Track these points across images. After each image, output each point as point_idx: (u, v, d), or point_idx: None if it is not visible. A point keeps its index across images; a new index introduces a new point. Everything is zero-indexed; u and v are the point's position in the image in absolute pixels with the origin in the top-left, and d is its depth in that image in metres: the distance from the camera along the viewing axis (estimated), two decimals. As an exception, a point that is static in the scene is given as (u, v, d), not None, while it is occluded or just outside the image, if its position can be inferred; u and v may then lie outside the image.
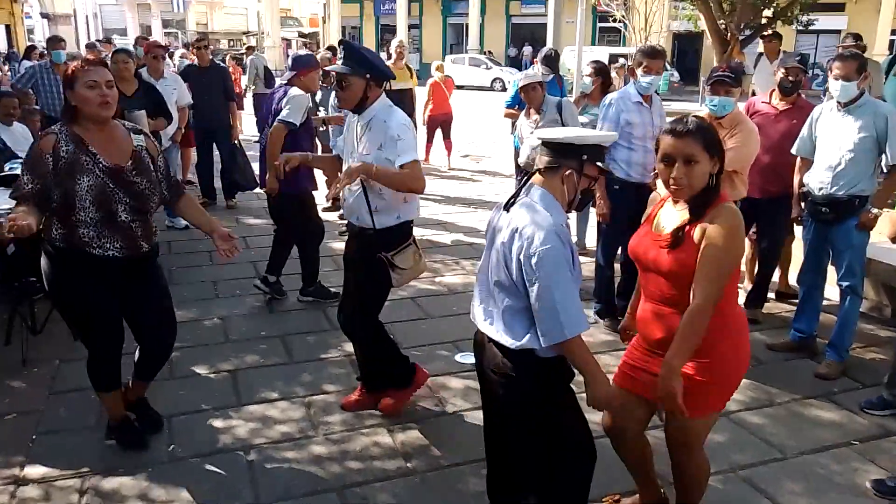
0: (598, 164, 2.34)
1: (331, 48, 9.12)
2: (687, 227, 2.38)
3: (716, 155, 2.39)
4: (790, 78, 4.55)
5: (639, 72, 4.57)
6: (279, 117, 4.84)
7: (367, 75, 3.33)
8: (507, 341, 2.31)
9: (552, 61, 7.32)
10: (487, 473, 2.72)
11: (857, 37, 8.42)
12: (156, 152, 3.24)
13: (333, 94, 6.60)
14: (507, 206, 2.35)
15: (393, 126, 3.33)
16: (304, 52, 5.50)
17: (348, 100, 3.39)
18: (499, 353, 2.36)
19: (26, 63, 9.17)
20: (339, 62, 3.41)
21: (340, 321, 3.78)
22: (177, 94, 6.90)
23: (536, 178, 2.36)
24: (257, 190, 8.01)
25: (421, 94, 9.91)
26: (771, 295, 5.25)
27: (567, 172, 2.30)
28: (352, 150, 3.47)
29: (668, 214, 2.52)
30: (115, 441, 3.39)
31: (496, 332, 2.35)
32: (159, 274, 3.38)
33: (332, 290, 5.32)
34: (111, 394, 3.35)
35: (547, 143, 2.34)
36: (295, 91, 4.93)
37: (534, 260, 2.17)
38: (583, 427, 2.46)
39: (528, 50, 32.71)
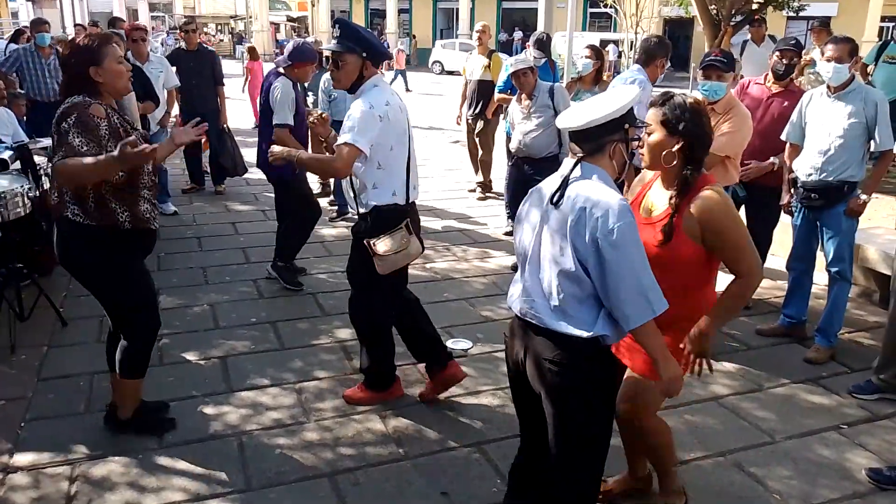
0: (635, 126, 2.27)
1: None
2: (675, 218, 2.43)
3: (677, 134, 2.41)
4: (784, 61, 4.55)
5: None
6: (275, 122, 4.88)
7: (364, 54, 3.28)
8: (577, 332, 2.18)
9: (544, 45, 7.27)
10: (520, 455, 2.66)
11: (826, 23, 8.48)
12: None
13: (326, 75, 6.51)
14: (555, 199, 2.20)
15: (354, 106, 3.28)
16: (305, 40, 5.39)
17: (343, 80, 3.31)
18: (557, 346, 2.23)
19: (13, 46, 9.02)
20: (333, 40, 3.30)
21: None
22: (163, 77, 6.81)
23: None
24: (246, 176, 8.00)
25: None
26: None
27: (615, 148, 2.21)
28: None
29: (656, 195, 2.57)
30: (142, 430, 3.36)
31: (558, 325, 2.21)
32: None
33: (297, 278, 5.35)
34: (142, 379, 3.36)
35: (586, 130, 2.19)
36: (279, 84, 4.94)
37: (613, 236, 2.06)
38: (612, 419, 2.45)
39: (518, 35, 32.59)
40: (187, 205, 7.54)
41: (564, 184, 2.21)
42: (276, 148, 3.51)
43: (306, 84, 8.21)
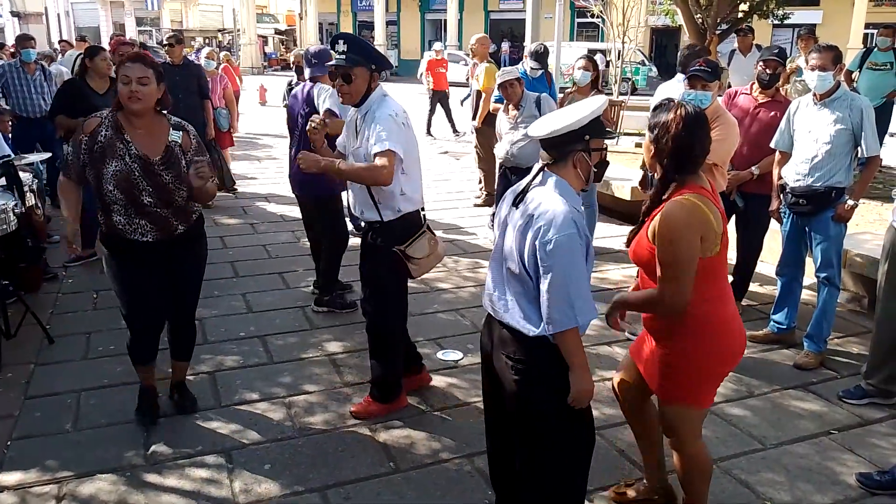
0: (602, 136, 2.33)
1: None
2: (642, 225, 2.50)
3: (653, 140, 2.42)
4: (768, 71, 4.59)
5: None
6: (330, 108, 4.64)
7: (373, 66, 3.31)
8: (526, 328, 2.29)
9: (541, 57, 7.30)
10: (490, 463, 2.77)
11: (813, 31, 8.58)
12: (191, 146, 3.33)
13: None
14: (517, 202, 2.32)
15: (378, 115, 3.33)
16: (322, 47, 5.16)
17: (354, 94, 3.32)
18: (513, 340, 2.34)
19: (-2, 62, 9.00)
20: (340, 55, 3.27)
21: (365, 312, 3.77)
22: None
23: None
24: (234, 189, 7.96)
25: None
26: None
27: (577, 157, 2.28)
28: (353, 146, 3.44)
29: None
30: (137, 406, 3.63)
31: (512, 319, 2.33)
32: (200, 248, 3.56)
33: (349, 299, 5.13)
34: (143, 367, 3.61)
35: (547, 139, 2.29)
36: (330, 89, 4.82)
37: (549, 246, 2.16)
38: (590, 419, 2.46)
39: (506, 45, 32.73)
40: (176, 219, 7.49)
41: (526, 188, 2.31)
42: (308, 155, 3.36)
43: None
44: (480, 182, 8.44)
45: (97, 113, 3.27)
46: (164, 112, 3.35)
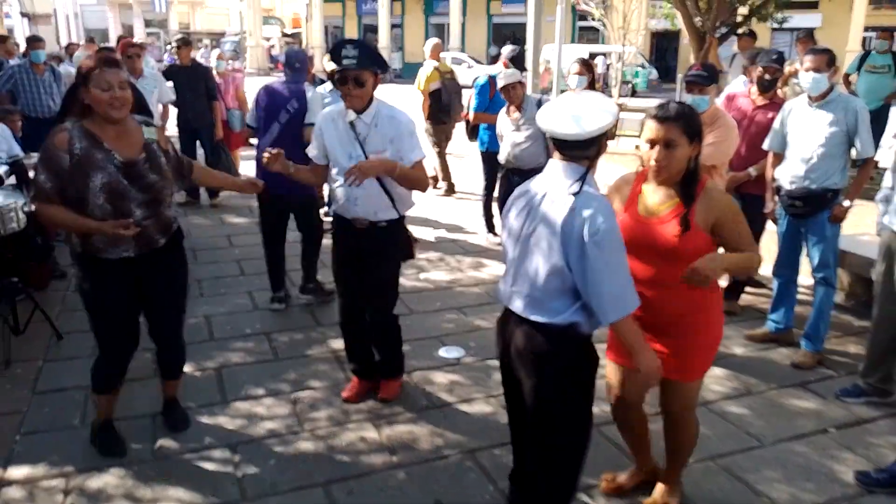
0: None
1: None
2: (690, 210, 2.56)
3: (696, 139, 2.53)
4: (767, 76, 4.64)
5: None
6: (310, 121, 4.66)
7: (377, 70, 3.37)
8: (551, 319, 2.31)
9: (517, 62, 7.30)
10: (515, 460, 2.75)
11: (811, 34, 8.66)
12: (166, 143, 3.24)
13: (320, 88, 6.52)
14: (576, 193, 2.27)
15: (405, 120, 3.44)
16: (295, 47, 5.19)
17: (364, 97, 3.35)
18: (538, 333, 2.35)
19: (14, 61, 9.07)
20: (350, 60, 3.26)
21: (345, 319, 3.85)
22: (157, 92, 6.86)
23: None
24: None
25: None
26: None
27: (602, 147, 2.34)
28: (349, 152, 3.42)
29: (653, 196, 2.64)
30: (96, 445, 3.37)
31: (536, 314, 2.34)
32: (177, 264, 3.38)
33: (328, 287, 5.18)
34: (104, 396, 3.37)
35: (586, 140, 2.25)
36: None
37: (597, 237, 2.18)
38: (591, 418, 2.52)
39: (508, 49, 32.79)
40: (183, 218, 7.49)
41: (580, 189, 2.25)
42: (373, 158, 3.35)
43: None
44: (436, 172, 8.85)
45: (61, 126, 2.97)
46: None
